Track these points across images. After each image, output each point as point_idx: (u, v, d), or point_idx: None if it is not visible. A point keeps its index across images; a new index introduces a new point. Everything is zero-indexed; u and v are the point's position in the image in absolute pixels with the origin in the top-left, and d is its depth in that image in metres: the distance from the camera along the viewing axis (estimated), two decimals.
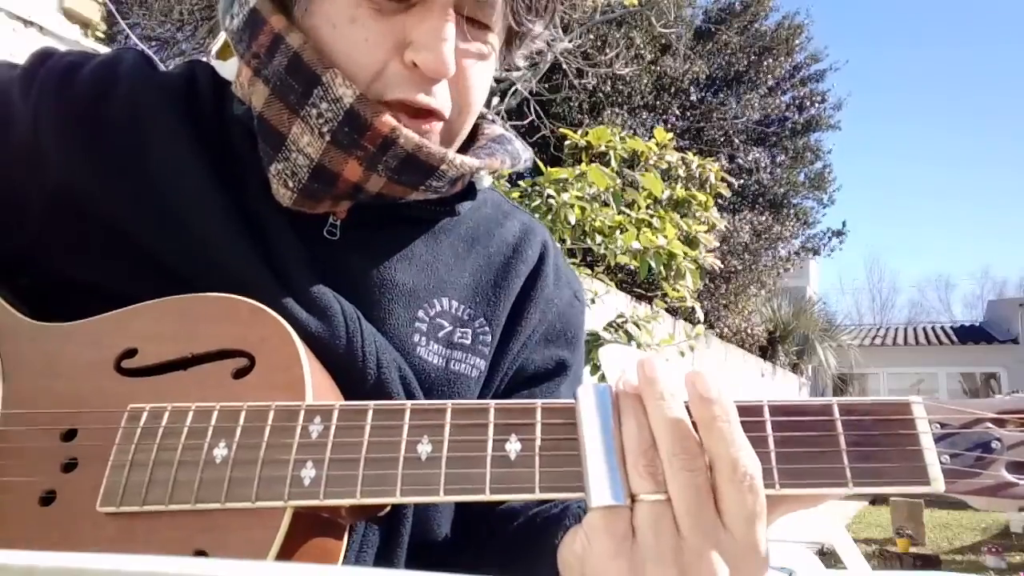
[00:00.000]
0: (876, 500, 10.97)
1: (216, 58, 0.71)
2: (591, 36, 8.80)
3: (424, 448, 0.47)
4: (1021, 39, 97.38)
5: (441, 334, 0.66)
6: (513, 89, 7.18)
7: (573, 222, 3.25)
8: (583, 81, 8.44)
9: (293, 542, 0.46)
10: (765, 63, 12.55)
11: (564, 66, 7.71)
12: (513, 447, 0.46)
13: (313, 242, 0.64)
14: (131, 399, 0.51)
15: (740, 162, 12.09)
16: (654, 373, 0.46)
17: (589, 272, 4.20)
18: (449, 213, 0.72)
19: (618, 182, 3.52)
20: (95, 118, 0.62)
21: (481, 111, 0.74)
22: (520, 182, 3.90)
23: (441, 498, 0.45)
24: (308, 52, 0.59)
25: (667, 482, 0.44)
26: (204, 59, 0.73)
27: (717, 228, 4.06)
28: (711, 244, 3.71)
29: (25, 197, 0.61)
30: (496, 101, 6.84)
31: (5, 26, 2.55)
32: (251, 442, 0.48)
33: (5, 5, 2.54)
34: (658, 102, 11.28)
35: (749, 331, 11.98)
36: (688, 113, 11.90)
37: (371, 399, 0.56)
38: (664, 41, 10.54)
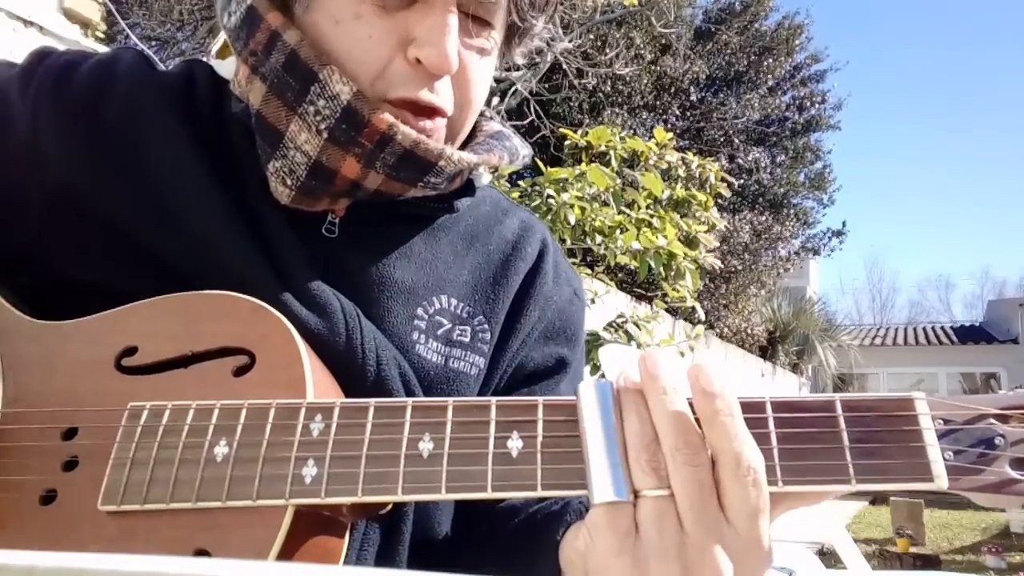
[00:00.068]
0: (876, 500, 10.95)
1: (216, 57, 0.71)
2: (591, 36, 8.80)
3: (426, 446, 0.46)
4: (1021, 38, 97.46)
5: (440, 332, 0.66)
6: (513, 89, 7.18)
7: (573, 222, 3.25)
8: (583, 81, 8.44)
9: (294, 541, 0.46)
10: (765, 63, 12.55)
11: (564, 66, 7.71)
12: (515, 444, 0.46)
13: (312, 240, 0.64)
14: (131, 397, 0.51)
15: (740, 162, 12.09)
16: (656, 368, 0.46)
17: (589, 272, 4.20)
18: (448, 210, 0.72)
19: (618, 182, 3.52)
20: (93, 117, 0.62)
21: None
22: (520, 182, 3.90)
23: (443, 496, 0.45)
24: (305, 49, 0.59)
25: (670, 477, 0.43)
26: (204, 59, 0.73)
27: (717, 228, 4.06)
28: (711, 244, 3.70)
29: (24, 196, 0.61)
30: (496, 101, 6.84)
31: (5, 26, 2.55)
32: (252, 440, 0.47)
33: (5, 5, 2.54)
34: (658, 102, 11.27)
35: (749, 331, 11.97)
36: (688, 113, 11.90)
37: (370, 396, 0.56)
38: (664, 41, 10.54)
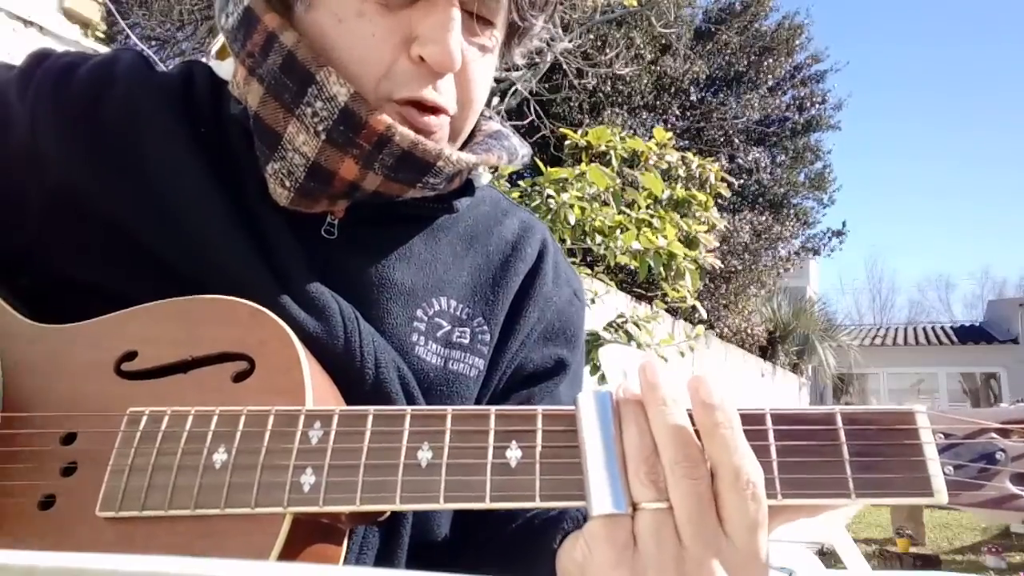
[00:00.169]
0: None
1: (215, 58, 0.71)
2: (591, 36, 8.79)
3: (424, 455, 0.46)
4: (1021, 38, 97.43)
5: (440, 333, 0.66)
6: (513, 89, 7.18)
7: (573, 222, 3.25)
8: (583, 81, 8.44)
9: (292, 548, 0.46)
10: (765, 63, 12.54)
11: (564, 66, 7.70)
12: (514, 454, 0.46)
13: (311, 242, 0.63)
14: (131, 402, 0.51)
15: (740, 162, 12.08)
16: (656, 378, 0.45)
17: (589, 272, 4.20)
18: (447, 210, 0.72)
19: (618, 182, 3.52)
20: (92, 118, 0.62)
21: None
22: (520, 182, 3.90)
23: (441, 505, 0.45)
24: (302, 50, 0.59)
25: (669, 490, 0.43)
26: (203, 59, 0.73)
27: (717, 228, 4.06)
28: (711, 244, 3.70)
29: (24, 198, 0.61)
30: (496, 101, 6.83)
31: (5, 26, 2.55)
32: (251, 447, 0.47)
33: (5, 5, 2.54)
34: (658, 102, 11.27)
35: (749, 331, 11.96)
36: (688, 113, 11.89)
37: (369, 399, 0.56)
38: (664, 41, 10.53)
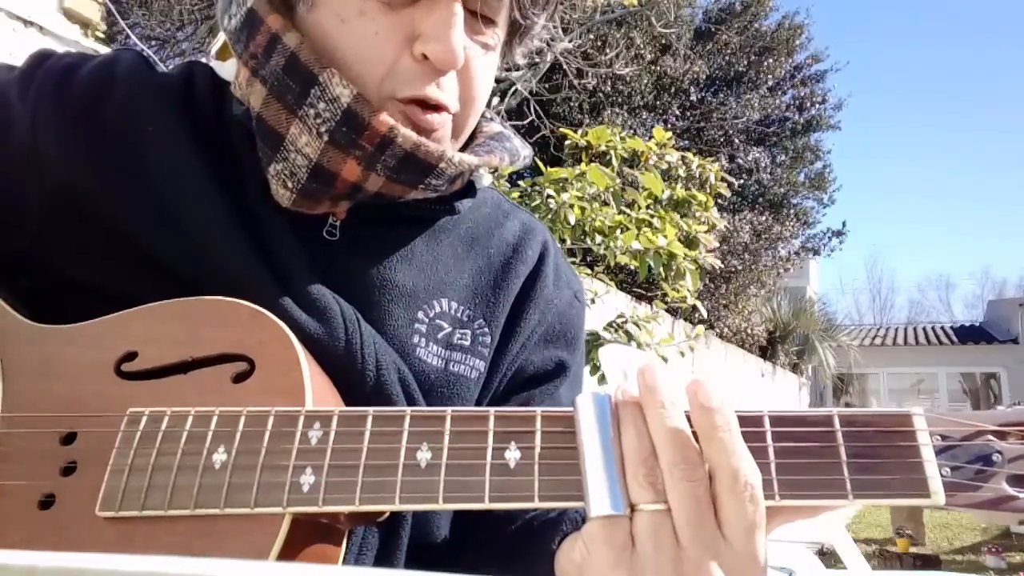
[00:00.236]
0: None
1: (215, 59, 0.71)
2: (591, 36, 8.80)
3: (424, 455, 0.46)
4: (1021, 38, 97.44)
5: (440, 335, 0.66)
6: (513, 89, 7.18)
7: (573, 222, 3.25)
8: (583, 81, 8.44)
9: (292, 548, 0.46)
10: (765, 63, 12.55)
11: (564, 66, 7.71)
12: (513, 455, 0.46)
13: (312, 243, 0.63)
14: (131, 403, 0.51)
15: (740, 162, 12.08)
16: (654, 381, 0.46)
17: (589, 272, 4.20)
18: (449, 212, 0.72)
19: (618, 182, 3.52)
20: (93, 119, 0.62)
21: None
22: (520, 182, 3.90)
23: (440, 506, 0.45)
24: (305, 52, 0.59)
25: (667, 492, 0.43)
26: (203, 59, 0.73)
27: (717, 228, 4.06)
28: (711, 244, 3.70)
29: (25, 198, 0.61)
30: (496, 101, 6.84)
31: (5, 26, 2.55)
32: (250, 448, 0.47)
33: (5, 5, 2.54)
34: (658, 102, 11.27)
35: (749, 331, 11.97)
36: (688, 113, 11.90)
37: (370, 401, 0.56)
38: (664, 41, 10.53)
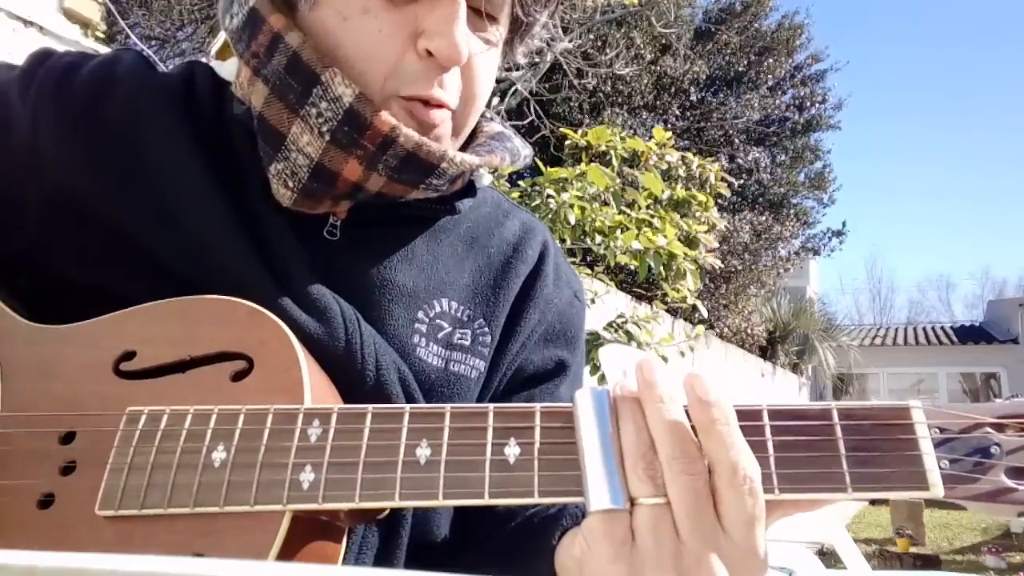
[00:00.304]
0: (876, 500, 10.96)
1: (215, 58, 0.71)
2: (591, 36, 8.80)
3: (423, 452, 0.46)
4: (1022, 38, 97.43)
5: (440, 335, 0.66)
6: (513, 89, 7.18)
7: (573, 222, 3.25)
8: (583, 81, 8.45)
9: (292, 546, 0.46)
10: (765, 63, 12.55)
11: (564, 66, 7.71)
12: (512, 451, 0.46)
13: (313, 242, 0.63)
14: (129, 402, 0.51)
15: (740, 162, 12.08)
16: (652, 376, 0.46)
17: (589, 272, 4.20)
18: (449, 211, 0.72)
19: (618, 182, 3.52)
20: (93, 119, 0.62)
21: None
22: (520, 182, 3.90)
23: (440, 502, 0.45)
24: (307, 51, 0.59)
25: (666, 486, 0.43)
26: (204, 59, 0.73)
27: (717, 228, 4.06)
28: (711, 244, 3.70)
29: (24, 198, 0.61)
30: (496, 101, 6.84)
31: (5, 26, 2.55)
32: (250, 445, 0.47)
33: (5, 5, 2.54)
34: (658, 102, 11.27)
35: (749, 331, 11.96)
36: (688, 113, 11.90)
37: (370, 401, 0.56)
38: (664, 41, 10.53)
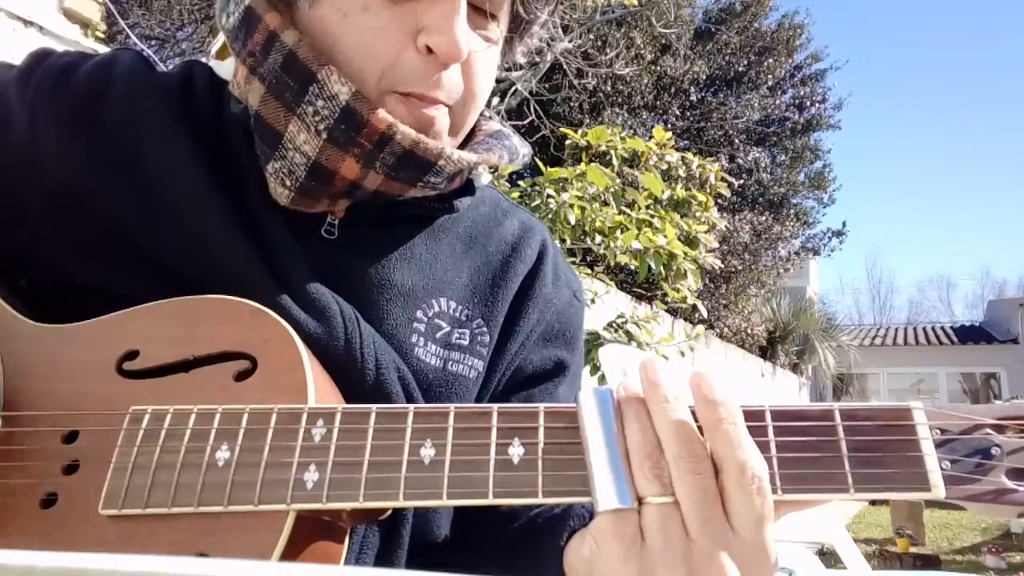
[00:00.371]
0: (876, 500, 10.97)
1: (215, 58, 0.71)
2: (591, 36, 8.80)
3: (427, 452, 0.47)
4: (1022, 37, 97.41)
5: (439, 335, 0.66)
6: (513, 89, 7.18)
7: (573, 222, 3.25)
8: (583, 81, 8.45)
9: (295, 546, 0.46)
10: (765, 63, 12.55)
11: (564, 66, 7.71)
12: (516, 451, 0.46)
13: (311, 242, 0.63)
14: (132, 401, 0.51)
15: (740, 162, 12.08)
16: (657, 376, 0.46)
17: (589, 272, 4.20)
18: (448, 210, 0.72)
19: (618, 182, 3.52)
20: (92, 119, 0.62)
21: None
22: (520, 182, 3.89)
23: (444, 502, 0.45)
24: (303, 49, 0.59)
25: (674, 485, 0.44)
26: (203, 59, 0.73)
27: (717, 228, 4.06)
28: (711, 244, 3.70)
29: (24, 198, 0.61)
30: (496, 101, 6.83)
31: (5, 26, 2.55)
32: (254, 445, 0.48)
33: (5, 5, 2.54)
34: (658, 102, 11.27)
35: (749, 331, 11.96)
36: (688, 113, 11.89)
37: (369, 400, 0.56)
38: (664, 41, 10.53)
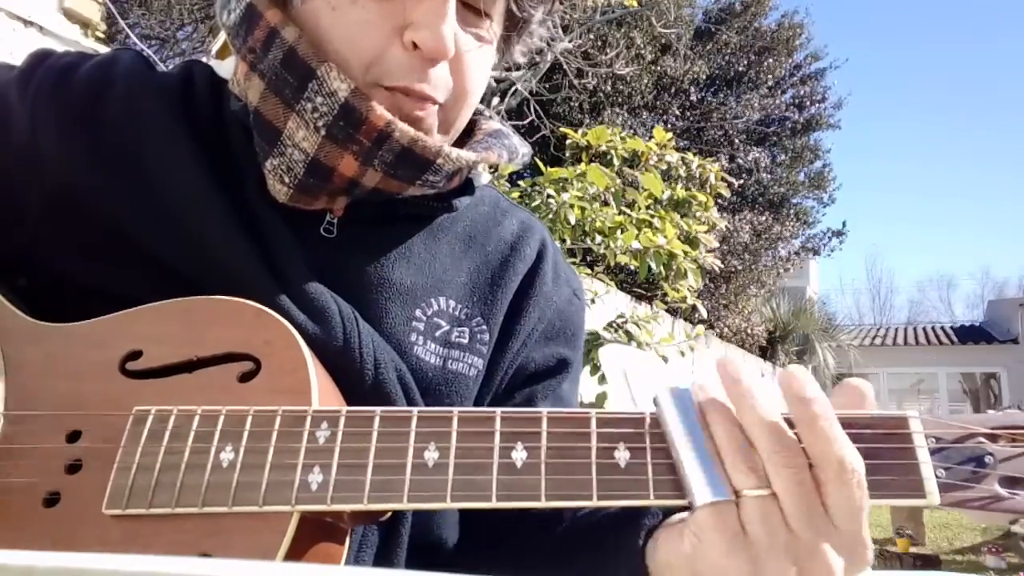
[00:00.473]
0: None
1: (215, 58, 0.71)
2: (591, 36, 8.79)
3: (431, 455, 0.47)
4: (1022, 36, 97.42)
5: (438, 333, 0.66)
6: (513, 89, 7.18)
7: (573, 222, 3.25)
8: (583, 81, 8.45)
9: (298, 546, 0.46)
10: (765, 63, 12.54)
11: (564, 66, 7.71)
12: (519, 455, 0.47)
13: (310, 240, 0.64)
14: (136, 401, 0.51)
15: (740, 162, 12.07)
16: (738, 372, 0.47)
17: (589, 272, 4.19)
18: (447, 209, 0.72)
19: (618, 182, 3.52)
20: (92, 119, 0.62)
21: (478, 107, 0.74)
22: (520, 182, 3.89)
23: (447, 505, 0.45)
24: (303, 46, 0.59)
25: (770, 479, 0.44)
26: (203, 59, 0.73)
27: (717, 228, 4.05)
28: (711, 244, 3.70)
29: (24, 198, 0.61)
30: (496, 101, 6.84)
31: (5, 26, 2.55)
32: (258, 446, 0.48)
33: (5, 5, 2.54)
34: (658, 102, 11.27)
35: (749, 331, 11.97)
36: (688, 113, 11.89)
37: (369, 399, 0.56)
38: (664, 41, 10.53)
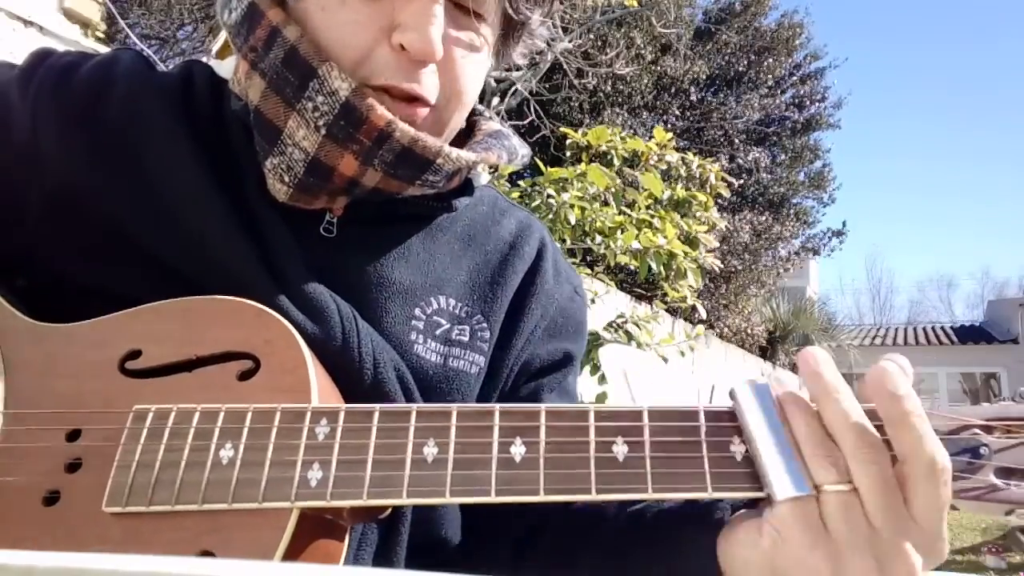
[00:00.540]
0: None
1: (215, 57, 0.71)
2: (591, 36, 8.79)
3: (430, 451, 0.47)
4: (1022, 36, 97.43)
5: (439, 332, 0.66)
6: (513, 89, 7.18)
7: (573, 222, 3.25)
8: (583, 81, 8.45)
9: (298, 543, 0.47)
10: (765, 63, 12.53)
11: (564, 66, 7.71)
12: (518, 450, 0.47)
13: (310, 240, 0.64)
14: (135, 400, 0.51)
15: (740, 162, 12.07)
16: (819, 367, 0.47)
17: (589, 272, 4.19)
18: (446, 209, 0.72)
19: (618, 182, 3.52)
20: (93, 119, 0.63)
21: (478, 108, 0.74)
22: (520, 182, 3.89)
23: (447, 500, 0.46)
24: (304, 45, 0.59)
25: (853, 475, 0.44)
26: (204, 59, 0.73)
27: (717, 228, 4.05)
28: (711, 244, 3.70)
29: (24, 197, 0.61)
30: (496, 101, 6.84)
31: (5, 26, 2.55)
32: (258, 443, 0.48)
33: (5, 5, 2.54)
34: (658, 102, 11.27)
35: (749, 331, 11.96)
36: (688, 113, 11.88)
37: (368, 398, 0.56)
38: (664, 41, 10.53)
